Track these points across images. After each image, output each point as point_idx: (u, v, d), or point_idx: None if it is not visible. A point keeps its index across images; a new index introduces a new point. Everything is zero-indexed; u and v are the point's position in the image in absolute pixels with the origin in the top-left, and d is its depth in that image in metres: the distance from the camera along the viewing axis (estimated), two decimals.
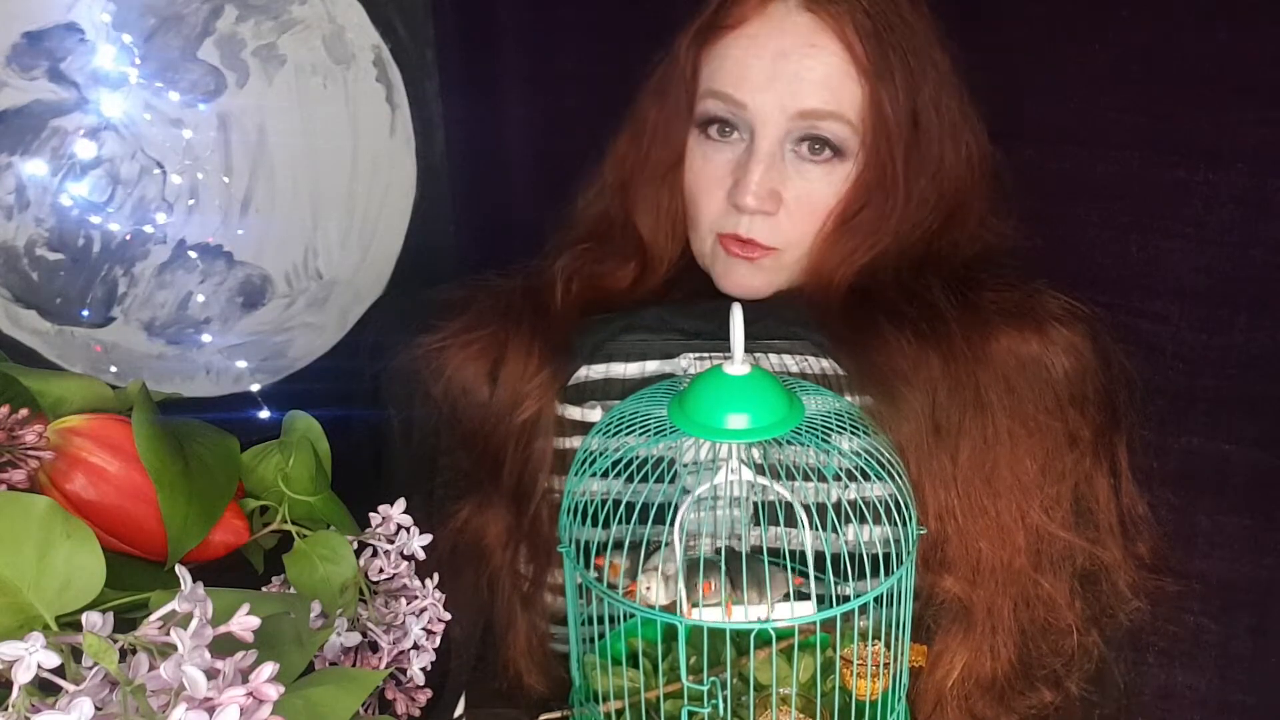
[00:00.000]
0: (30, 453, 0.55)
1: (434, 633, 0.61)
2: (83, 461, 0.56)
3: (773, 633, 0.68)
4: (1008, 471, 0.76)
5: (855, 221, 0.82)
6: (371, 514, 0.62)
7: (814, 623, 0.66)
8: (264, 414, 1.12)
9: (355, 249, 1.14)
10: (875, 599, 0.64)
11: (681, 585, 0.63)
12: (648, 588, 0.66)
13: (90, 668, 0.40)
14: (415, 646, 0.60)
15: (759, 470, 0.66)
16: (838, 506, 0.74)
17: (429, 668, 0.60)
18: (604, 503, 0.68)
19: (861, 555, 0.67)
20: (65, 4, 0.95)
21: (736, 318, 0.62)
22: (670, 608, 0.66)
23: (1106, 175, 1.02)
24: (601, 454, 0.70)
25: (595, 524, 0.68)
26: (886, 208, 0.82)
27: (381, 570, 0.61)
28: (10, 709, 0.37)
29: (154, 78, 1.00)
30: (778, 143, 0.81)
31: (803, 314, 0.84)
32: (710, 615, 0.65)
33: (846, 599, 0.63)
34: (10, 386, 0.59)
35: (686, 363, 0.83)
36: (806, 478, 0.74)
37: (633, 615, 0.67)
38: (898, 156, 0.81)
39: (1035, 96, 1.02)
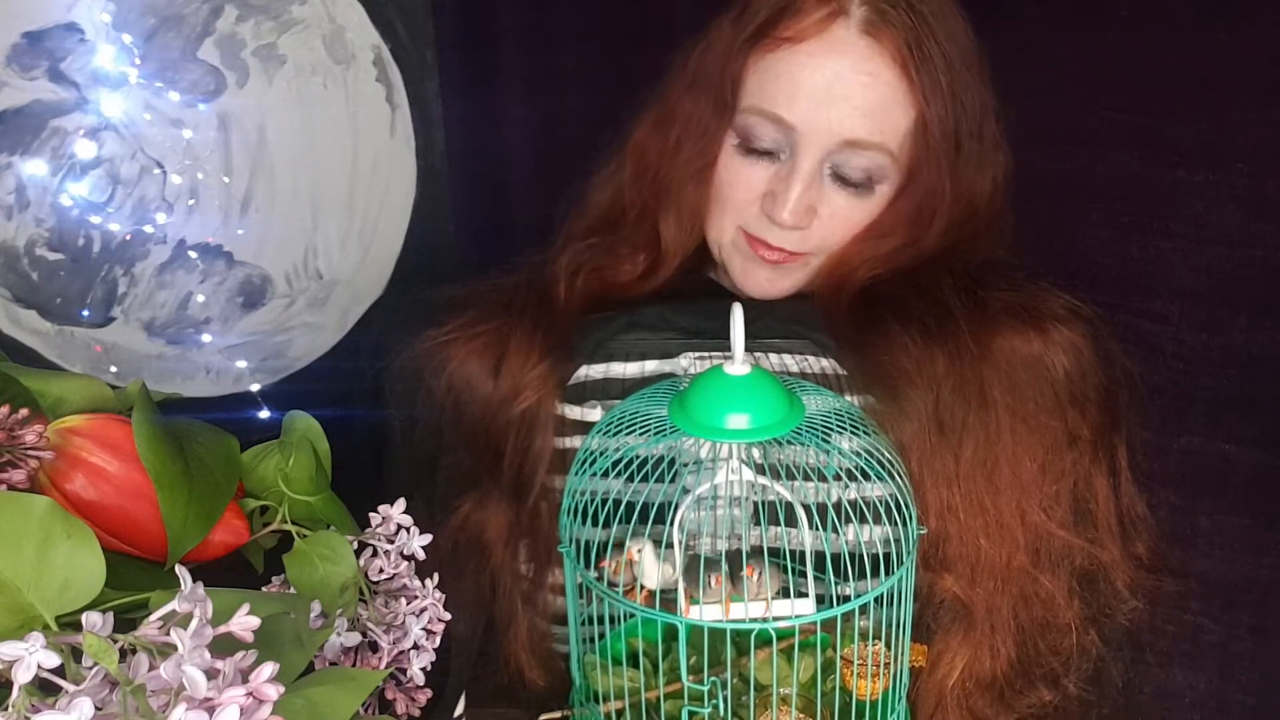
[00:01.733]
0: (30, 453, 0.55)
1: (434, 633, 0.61)
2: (83, 461, 0.56)
3: (773, 633, 0.68)
4: (1008, 469, 0.76)
5: (884, 238, 0.83)
6: (371, 514, 0.62)
7: (814, 622, 0.66)
8: (264, 414, 1.12)
9: (355, 249, 1.14)
10: (875, 599, 0.64)
11: (681, 581, 0.63)
12: (639, 550, 0.66)
13: (90, 668, 0.40)
14: (415, 646, 0.60)
15: (759, 470, 0.66)
16: (838, 506, 0.74)
17: (429, 668, 0.60)
18: (604, 502, 0.68)
19: (862, 555, 0.67)
20: (65, 4, 0.95)
21: (737, 317, 0.62)
22: (670, 599, 0.66)
23: (1106, 175, 1.02)
24: (602, 454, 0.70)
25: (595, 524, 0.68)
26: (919, 231, 0.83)
27: (381, 570, 0.61)
28: (10, 709, 0.37)
29: (154, 78, 1.00)
30: (818, 163, 0.81)
31: (803, 312, 0.84)
32: (710, 614, 0.65)
33: (847, 599, 0.63)
34: (10, 386, 0.59)
35: (687, 362, 0.83)
36: (807, 477, 0.74)
37: (633, 615, 0.67)
38: (941, 182, 0.81)
39: (1035, 96, 1.02)
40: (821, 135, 0.79)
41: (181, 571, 0.42)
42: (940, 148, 0.81)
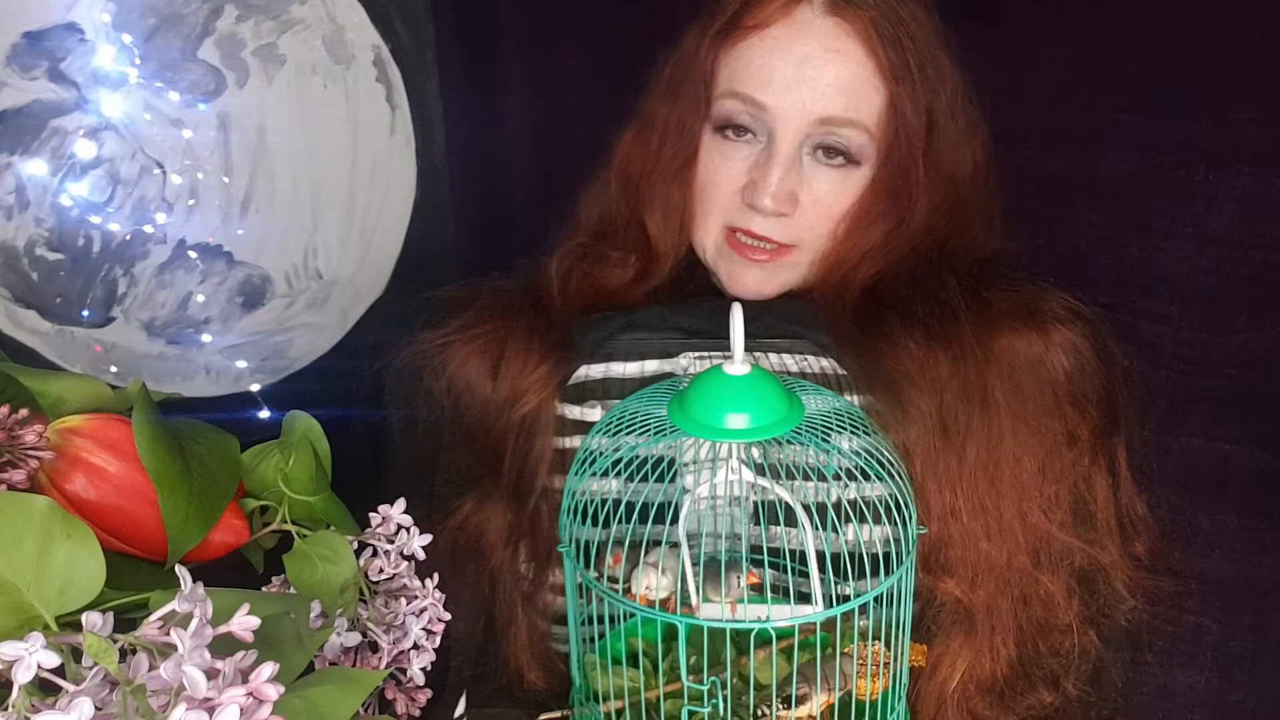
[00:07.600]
0: (30, 453, 0.55)
1: (434, 633, 0.61)
2: (83, 461, 0.56)
3: (773, 632, 0.68)
4: (1009, 470, 0.76)
5: (872, 225, 0.83)
6: (371, 514, 0.62)
7: (814, 622, 0.66)
8: (264, 414, 1.12)
9: (355, 249, 1.14)
10: (875, 598, 0.64)
11: (691, 582, 0.63)
12: (647, 586, 0.66)
13: (90, 668, 0.40)
14: (415, 646, 0.60)
15: (759, 470, 0.66)
16: (838, 506, 0.74)
17: (429, 668, 0.60)
18: (604, 502, 0.68)
19: (861, 555, 0.67)
20: (65, 4, 0.95)
21: (736, 317, 0.62)
22: (669, 602, 0.66)
23: (1106, 175, 1.02)
24: (602, 454, 0.70)
25: (595, 524, 0.68)
26: (903, 212, 0.83)
27: (381, 570, 0.61)
28: (10, 709, 0.37)
29: (154, 78, 1.00)
30: (796, 146, 0.81)
31: (802, 312, 0.84)
32: (710, 613, 0.65)
33: (846, 598, 0.63)
34: (10, 386, 0.60)
35: (686, 361, 0.84)
36: (806, 477, 0.74)
37: (633, 615, 0.67)
38: (915, 161, 0.82)
39: (1035, 96, 1.02)
40: (796, 116, 0.80)
41: (181, 571, 0.42)
42: (914, 126, 0.81)
